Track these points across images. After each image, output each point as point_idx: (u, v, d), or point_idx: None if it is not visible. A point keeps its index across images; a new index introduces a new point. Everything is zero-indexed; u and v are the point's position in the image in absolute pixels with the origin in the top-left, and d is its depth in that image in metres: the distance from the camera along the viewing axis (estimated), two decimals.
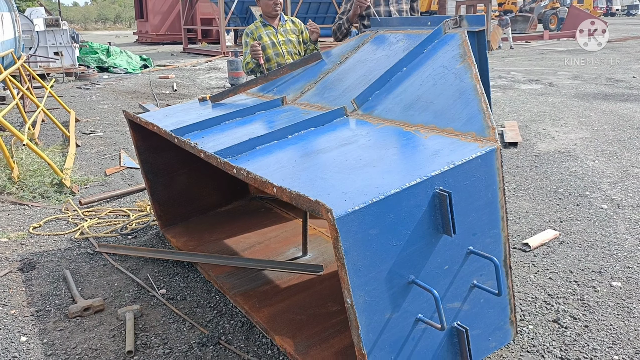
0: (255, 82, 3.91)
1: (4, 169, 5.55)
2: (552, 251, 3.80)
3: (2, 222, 4.55)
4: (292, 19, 4.41)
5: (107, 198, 5.03)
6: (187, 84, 13.49)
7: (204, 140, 3.01)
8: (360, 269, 1.89)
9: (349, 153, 2.38)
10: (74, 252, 3.98)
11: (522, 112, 8.91)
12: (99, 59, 16.64)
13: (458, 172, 2.06)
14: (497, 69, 15.41)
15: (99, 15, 64.27)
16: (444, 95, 2.61)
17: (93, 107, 10.24)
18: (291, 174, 2.27)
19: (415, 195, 1.97)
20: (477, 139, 2.23)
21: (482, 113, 2.34)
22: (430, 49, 3.08)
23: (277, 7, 4.21)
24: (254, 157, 2.58)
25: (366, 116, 2.83)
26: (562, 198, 4.86)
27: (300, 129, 2.80)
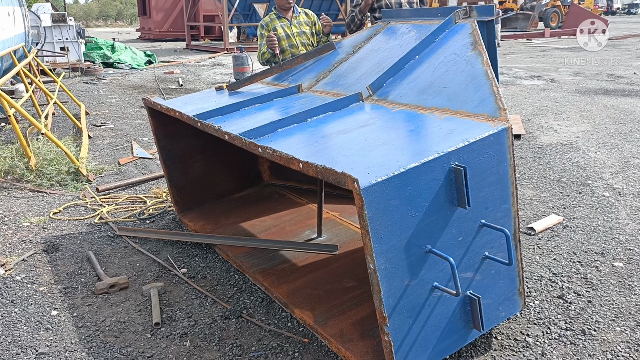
0: (270, 71, 4.05)
1: (21, 157, 5.69)
2: (556, 235, 3.94)
3: (23, 208, 4.69)
4: (306, 11, 4.55)
5: (123, 186, 5.17)
6: (192, 79, 13.62)
7: (226, 124, 3.15)
8: (382, 237, 2.03)
9: (368, 134, 2.53)
10: (95, 235, 4.12)
11: (524, 107, 9.05)
12: (104, 54, 16.77)
13: (472, 148, 2.21)
14: (499, 65, 15.52)
15: (100, 12, 64.27)
16: (456, 81, 2.76)
17: (101, 101, 10.38)
18: (314, 152, 2.41)
19: (433, 169, 2.12)
20: (489, 119, 2.38)
21: (494, 95, 2.49)
22: (441, 38, 3.23)
23: (290, 0, 4.35)
24: (276, 138, 2.73)
25: (381, 101, 2.98)
26: (565, 186, 5.00)
27: (319, 112, 2.95)
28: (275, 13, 4.46)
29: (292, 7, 4.45)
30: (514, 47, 22.51)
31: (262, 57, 4.36)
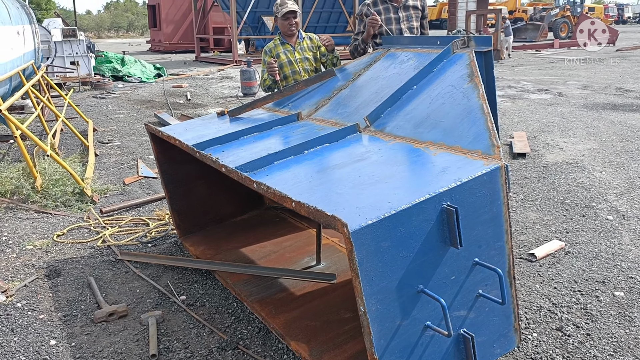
0: (271, 97, 4.07)
1: (27, 178, 5.75)
2: (557, 261, 3.92)
3: (28, 230, 4.74)
4: (310, 36, 4.56)
5: (127, 207, 5.21)
6: (200, 93, 13.72)
7: (224, 154, 3.17)
8: (373, 278, 2.04)
9: (362, 169, 2.53)
10: (97, 259, 4.15)
11: (531, 123, 9.02)
12: (114, 68, 16.95)
13: (464, 188, 2.21)
14: (507, 78, 15.52)
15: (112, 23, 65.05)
16: (452, 114, 2.76)
17: (109, 116, 10.48)
18: (308, 189, 2.42)
19: (424, 210, 2.12)
20: (483, 157, 2.38)
21: (488, 132, 2.49)
22: (439, 68, 3.23)
23: (293, 27, 4.36)
24: (272, 171, 2.74)
25: (378, 132, 2.99)
26: (569, 209, 4.97)
27: (316, 144, 2.96)
28: (280, 38, 4.48)
29: (296, 33, 4.46)
30: (523, 58, 22.48)
31: (264, 84, 4.38)
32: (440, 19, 56.23)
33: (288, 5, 4.32)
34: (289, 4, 4.34)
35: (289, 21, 4.32)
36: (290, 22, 4.33)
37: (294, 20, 4.35)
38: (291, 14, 4.32)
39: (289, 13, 4.30)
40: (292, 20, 4.33)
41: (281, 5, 4.35)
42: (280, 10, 4.32)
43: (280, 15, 4.32)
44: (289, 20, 4.32)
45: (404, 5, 4.35)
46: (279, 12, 4.33)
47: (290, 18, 4.34)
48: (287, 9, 4.27)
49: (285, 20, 4.34)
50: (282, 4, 4.35)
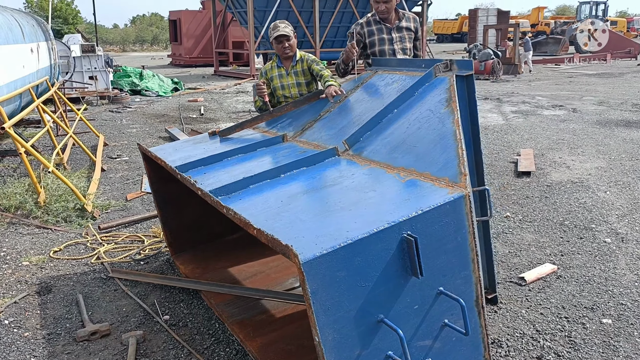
0: (260, 118, 4.10)
1: (32, 193, 5.87)
2: (547, 286, 3.85)
3: (27, 246, 4.83)
4: (302, 58, 4.50)
5: (125, 223, 5.28)
6: (214, 108, 13.87)
7: (206, 176, 3.21)
8: (329, 308, 2.03)
9: (331, 195, 2.54)
10: (89, 276, 4.21)
11: (540, 140, 8.92)
12: (132, 82, 17.24)
13: (426, 217, 2.20)
14: (523, 93, 15.39)
15: (136, 37, 66.14)
16: (426, 140, 2.75)
17: (122, 130, 10.64)
18: (275, 215, 2.43)
19: (383, 239, 2.11)
20: (449, 185, 2.36)
21: (458, 159, 2.48)
22: (420, 91, 3.23)
23: (287, 50, 4.31)
24: (246, 196, 2.76)
25: (355, 157, 2.99)
26: (567, 231, 4.89)
27: (293, 168, 2.98)
28: (276, 60, 4.47)
29: (291, 56, 4.43)
30: (541, 72, 22.27)
31: (255, 105, 4.41)
32: (461, 32, 56.18)
33: (280, 28, 4.30)
34: (280, 27, 4.32)
35: (282, 45, 4.32)
36: (284, 46, 4.33)
37: (287, 44, 4.32)
38: (283, 38, 4.31)
39: (280, 37, 4.29)
40: (285, 44, 4.32)
41: (274, 29, 4.34)
42: (273, 34, 4.32)
43: (272, 39, 4.33)
44: (282, 43, 4.32)
45: (397, 27, 4.35)
46: (272, 36, 4.33)
47: (283, 41, 4.31)
48: (279, 32, 4.26)
49: (279, 44, 4.33)
50: (275, 28, 4.33)
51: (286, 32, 4.28)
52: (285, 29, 4.31)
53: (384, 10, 4.23)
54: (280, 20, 4.41)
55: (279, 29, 4.30)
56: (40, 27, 9.86)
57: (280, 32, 4.26)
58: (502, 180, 6.59)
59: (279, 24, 4.35)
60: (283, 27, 4.32)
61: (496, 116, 11.56)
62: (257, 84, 4.28)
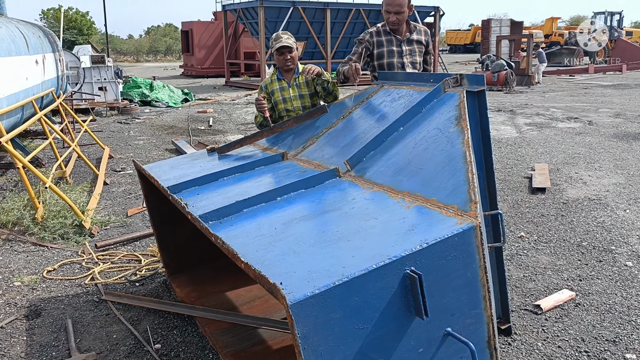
0: (260, 134, 3.91)
1: (30, 209, 5.72)
2: (565, 314, 3.60)
3: (20, 265, 4.66)
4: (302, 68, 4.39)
5: (123, 241, 5.10)
6: (223, 119, 13.75)
7: (198, 198, 3.02)
8: (322, 353, 1.81)
9: (330, 223, 2.33)
10: (81, 299, 4.02)
11: (555, 154, 8.65)
12: (142, 93, 17.21)
13: (432, 251, 1.98)
14: (537, 105, 15.11)
15: (150, 47, 66.64)
16: (434, 161, 2.54)
17: (129, 142, 10.52)
18: (267, 245, 2.23)
19: (383, 277, 1.89)
20: (458, 214, 2.15)
21: (467, 184, 2.26)
22: (428, 108, 3.02)
23: (288, 62, 4.15)
24: (238, 221, 2.57)
25: (358, 178, 2.78)
26: (585, 253, 4.63)
27: (290, 190, 2.77)
28: (276, 73, 4.30)
29: (293, 68, 4.26)
30: (556, 83, 21.97)
31: (256, 120, 4.23)
32: (474, 43, 55.93)
33: (282, 40, 4.12)
34: (283, 38, 4.14)
35: (284, 56, 4.14)
36: (285, 57, 4.15)
37: (289, 56, 4.14)
38: (285, 49, 4.12)
39: (282, 48, 4.11)
40: (287, 55, 4.14)
41: (275, 40, 4.15)
42: (274, 45, 4.14)
43: (274, 50, 4.15)
44: (284, 55, 4.14)
45: (407, 39, 4.15)
46: (273, 47, 4.15)
47: (285, 53, 4.14)
48: (281, 43, 4.08)
49: (280, 55, 4.15)
50: (277, 39, 4.15)
51: (288, 44, 4.09)
52: (288, 40, 4.13)
53: (395, 22, 4.03)
54: (282, 31, 4.23)
55: (281, 40, 4.11)
56: (48, 39, 9.78)
57: (283, 44, 4.08)
58: (516, 197, 6.34)
59: (281, 34, 4.17)
60: (285, 38, 4.13)
61: (509, 129, 11.30)
62: (257, 99, 4.10)
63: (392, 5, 3.96)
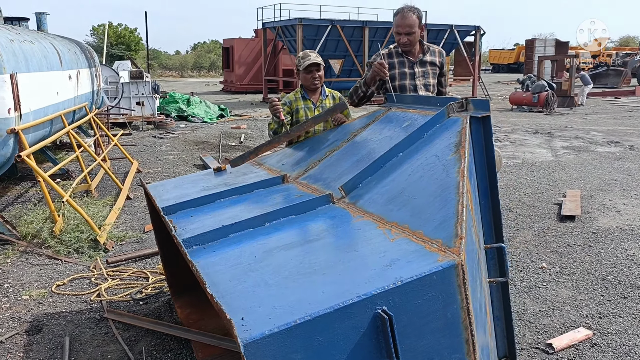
0: (277, 139, 3.78)
1: (50, 222, 5.80)
2: (580, 355, 3.37)
3: (32, 278, 4.71)
4: (334, 94, 4.23)
5: (134, 257, 5.10)
6: (255, 136, 13.82)
7: (191, 220, 2.96)
8: None
9: (310, 253, 2.23)
10: (84, 315, 4.01)
11: (590, 179, 8.31)
12: (179, 108, 17.50)
13: (407, 290, 1.84)
14: (577, 127, 14.65)
15: (194, 63, 68.12)
16: (427, 191, 2.41)
17: (159, 157, 10.66)
18: (241, 274, 2.14)
19: (351, 316, 1.77)
20: (441, 249, 2.01)
21: (456, 217, 2.12)
22: (430, 133, 2.90)
23: (316, 81, 4.05)
24: (222, 247, 2.49)
25: (350, 205, 2.67)
26: (609, 288, 4.37)
27: (280, 216, 2.68)
28: (301, 92, 4.17)
29: (320, 88, 4.15)
30: (600, 105, 21.31)
31: (269, 128, 4.06)
32: (517, 62, 55.03)
33: (311, 57, 4.02)
34: (312, 56, 4.05)
35: (312, 74, 4.03)
36: (314, 76, 4.03)
37: (318, 74, 4.04)
38: (314, 67, 4.02)
39: (311, 66, 4.00)
40: (316, 74, 4.03)
41: (303, 57, 4.07)
42: (303, 62, 4.04)
43: (303, 68, 4.04)
44: (312, 73, 4.03)
45: (420, 61, 4.03)
46: (301, 65, 4.05)
47: (314, 71, 4.03)
48: (310, 61, 3.98)
49: (308, 73, 4.04)
50: (305, 57, 4.07)
51: (318, 61, 4.01)
52: (317, 58, 4.05)
53: (406, 43, 3.92)
54: (310, 50, 4.14)
55: (310, 57, 4.03)
56: (85, 54, 10.05)
57: (312, 61, 3.99)
58: (543, 224, 6.07)
59: (309, 52, 4.09)
60: (314, 56, 4.06)
61: (545, 152, 10.96)
62: (271, 100, 3.92)
63: (402, 27, 3.85)
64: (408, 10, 3.85)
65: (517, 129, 14.45)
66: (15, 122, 5.43)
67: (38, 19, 10.31)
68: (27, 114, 5.87)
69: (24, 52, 6.03)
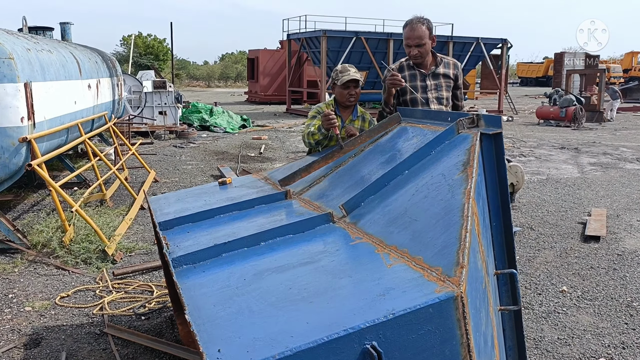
0: (331, 156, 3.50)
1: (61, 231, 5.76)
2: None
3: (38, 288, 4.65)
4: (364, 116, 4.02)
5: (141, 270, 5.01)
6: (275, 147, 13.76)
7: (186, 236, 2.85)
8: None
9: (301, 277, 2.09)
10: (84, 329, 3.92)
11: (617, 198, 8.00)
12: (202, 118, 17.57)
13: (399, 324, 1.69)
14: (605, 143, 14.25)
15: (221, 73, 68.76)
16: (430, 213, 2.25)
17: (177, 167, 10.64)
18: (227, 299, 2.01)
19: (337, 351, 1.62)
20: (440, 278, 1.84)
21: (458, 243, 1.95)
22: (438, 150, 2.74)
23: (352, 97, 3.87)
24: (212, 267, 2.36)
25: (350, 226, 2.52)
26: (634, 315, 4.12)
27: (277, 235, 2.55)
28: (333, 104, 3.97)
29: (354, 106, 3.96)
30: (630, 121, 20.77)
31: (311, 137, 3.82)
32: (546, 76, 54.22)
33: (350, 73, 3.83)
34: (351, 71, 3.85)
35: (349, 90, 3.85)
36: (351, 92, 3.85)
37: (355, 91, 3.86)
38: (353, 83, 3.84)
39: (350, 82, 3.83)
40: (353, 90, 3.85)
41: (342, 72, 3.87)
42: (341, 77, 3.84)
43: (340, 83, 3.84)
44: (349, 89, 3.84)
45: (433, 73, 3.87)
46: (339, 80, 3.85)
47: (351, 87, 3.85)
48: (349, 77, 3.80)
49: (345, 89, 3.85)
50: (344, 71, 3.87)
51: (357, 77, 3.83)
52: (357, 74, 3.86)
53: (416, 55, 3.77)
54: (349, 64, 3.95)
55: (349, 73, 3.83)
56: (107, 64, 10.11)
57: (352, 77, 3.80)
58: (565, 245, 5.82)
59: (348, 67, 3.90)
60: (354, 71, 3.86)
61: (571, 168, 10.64)
62: (326, 113, 3.66)
63: (411, 39, 3.70)
64: (417, 21, 3.70)
65: (543, 144, 14.11)
66: (28, 131, 5.42)
67: (62, 29, 10.43)
68: (42, 122, 5.86)
69: (41, 61, 6.04)
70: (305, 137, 3.93)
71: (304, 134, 3.93)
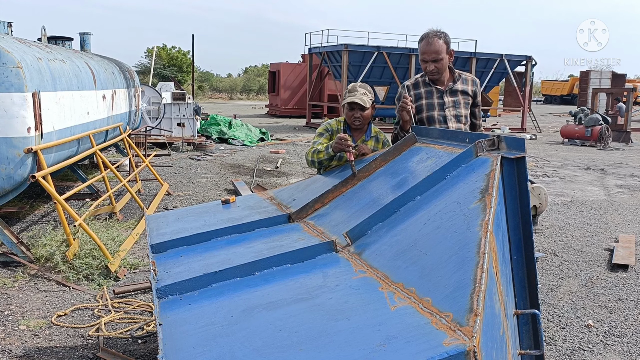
0: (344, 184, 3.13)
1: (65, 245, 5.61)
2: None
3: (35, 305, 4.48)
4: (378, 136, 3.71)
5: (142, 289, 4.82)
6: (293, 161, 13.58)
7: (179, 261, 2.64)
8: None
9: (294, 317, 1.85)
10: (77, 352, 3.73)
11: None
12: (220, 130, 17.49)
13: None
14: (633, 164, 13.79)
15: (244, 86, 69.14)
16: (442, 246, 2.01)
17: (192, 180, 10.50)
18: (209, 340, 1.79)
19: None
20: (450, 326, 1.60)
21: (473, 285, 1.71)
22: (454, 175, 2.49)
23: (356, 121, 3.58)
24: (199, 299, 2.15)
25: (354, 256, 2.29)
26: None
27: (273, 264, 2.33)
28: (344, 122, 3.69)
29: (363, 129, 3.67)
30: None
31: (316, 155, 3.58)
32: (571, 94, 53.41)
33: (355, 94, 3.51)
34: (357, 92, 3.53)
35: (353, 113, 3.54)
36: (355, 115, 3.54)
37: (359, 114, 3.54)
38: (356, 106, 3.52)
39: (353, 104, 3.52)
40: (357, 113, 3.54)
41: (350, 91, 3.58)
42: (346, 97, 3.56)
43: (345, 102, 3.57)
44: (354, 112, 3.55)
45: (450, 90, 3.64)
46: (345, 99, 3.57)
47: (355, 109, 3.53)
48: (353, 99, 3.48)
49: (350, 110, 3.57)
50: (352, 91, 3.57)
51: (362, 101, 3.49)
52: (363, 96, 3.52)
53: (433, 71, 3.54)
54: (361, 84, 3.65)
55: (355, 94, 3.53)
56: (124, 74, 10.06)
57: (354, 100, 3.49)
58: (591, 273, 5.49)
59: (357, 87, 3.60)
60: (361, 93, 3.54)
61: (597, 190, 10.25)
62: (343, 137, 3.36)
63: (427, 53, 3.47)
64: (434, 35, 3.46)
65: (567, 164, 13.71)
66: (35, 142, 5.30)
67: (82, 39, 10.42)
68: (50, 133, 5.74)
69: (52, 71, 5.94)
70: (308, 155, 3.69)
71: (309, 151, 3.69)
